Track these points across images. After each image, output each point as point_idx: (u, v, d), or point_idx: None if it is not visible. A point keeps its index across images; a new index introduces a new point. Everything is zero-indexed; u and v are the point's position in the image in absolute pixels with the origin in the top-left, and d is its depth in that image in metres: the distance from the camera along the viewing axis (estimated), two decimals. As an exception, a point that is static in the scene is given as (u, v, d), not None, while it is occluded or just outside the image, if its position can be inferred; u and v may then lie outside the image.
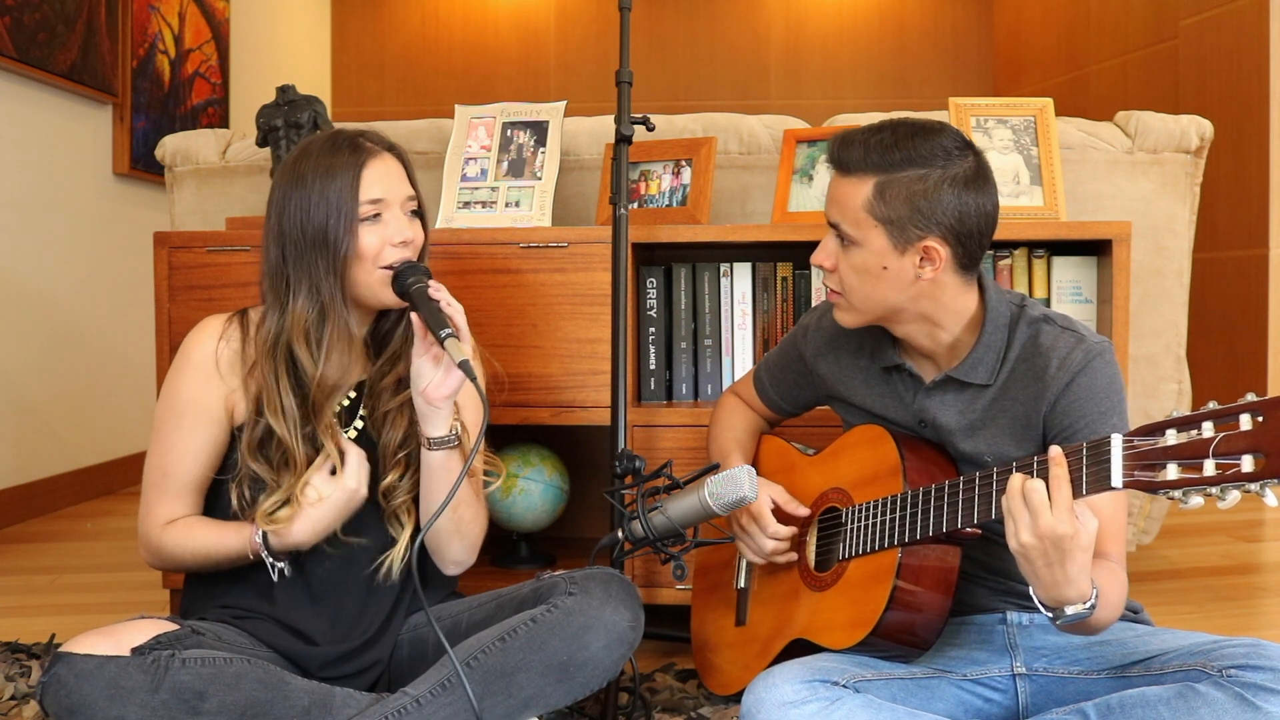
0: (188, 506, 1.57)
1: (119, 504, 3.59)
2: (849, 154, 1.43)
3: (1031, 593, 1.27)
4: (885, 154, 1.41)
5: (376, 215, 1.53)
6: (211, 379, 1.55)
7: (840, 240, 1.47)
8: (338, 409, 1.59)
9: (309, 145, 1.57)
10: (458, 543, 1.60)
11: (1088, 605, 1.24)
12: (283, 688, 1.40)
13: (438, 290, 1.49)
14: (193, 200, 2.57)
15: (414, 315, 1.49)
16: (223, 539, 1.52)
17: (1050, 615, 1.27)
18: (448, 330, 1.44)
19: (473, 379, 1.43)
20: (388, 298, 1.53)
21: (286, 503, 1.51)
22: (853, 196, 1.43)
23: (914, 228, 1.41)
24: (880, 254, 1.43)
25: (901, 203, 1.41)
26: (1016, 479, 1.25)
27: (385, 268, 1.52)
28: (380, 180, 1.54)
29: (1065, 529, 1.20)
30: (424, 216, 1.62)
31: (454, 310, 1.48)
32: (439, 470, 1.53)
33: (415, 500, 1.60)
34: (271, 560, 1.51)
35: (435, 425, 1.51)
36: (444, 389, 1.49)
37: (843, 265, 1.47)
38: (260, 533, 1.50)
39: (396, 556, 1.56)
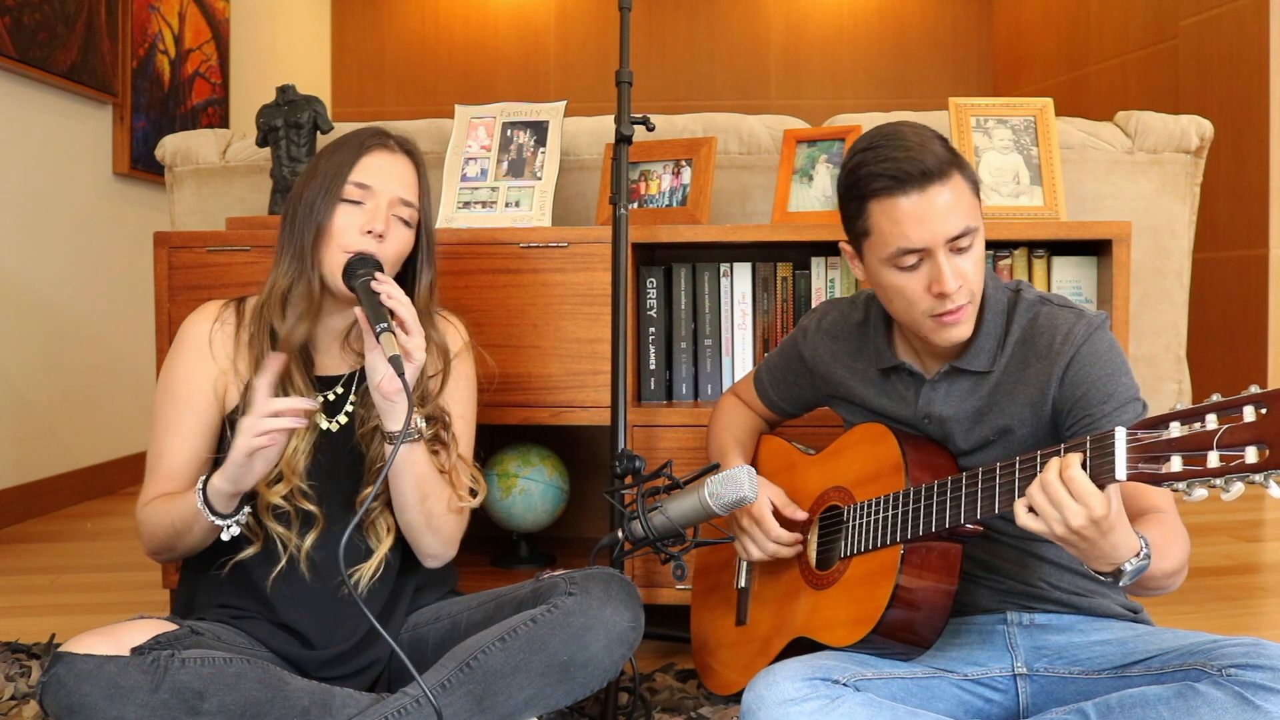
0: (179, 489, 1.55)
1: (119, 504, 3.59)
2: (926, 163, 1.38)
3: (1088, 571, 1.28)
4: (942, 147, 1.41)
5: (359, 202, 1.54)
6: (204, 360, 1.56)
7: (960, 251, 1.41)
8: (321, 400, 1.59)
9: (349, 131, 1.62)
10: (430, 536, 1.59)
11: (1143, 555, 1.24)
12: (282, 688, 1.40)
13: (381, 283, 1.48)
14: (193, 200, 2.57)
15: (357, 309, 1.49)
16: (181, 500, 1.49)
17: (1113, 580, 1.26)
18: (383, 325, 1.43)
19: (400, 374, 1.41)
20: (344, 287, 1.53)
21: (280, 477, 1.51)
22: (961, 190, 1.40)
23: (978, 197, 1.45)
24: (983, 232, 1.44)
25: (971, 173, 1.43)
26: (1052, 470, 1.22)
27: (348, 253, 1.52)
28: (377, 171, 1.55)
29: (1099, 511, 1.19)
30: (424, 233, 1.61)
31: (396, 303, 1.47)
32: (400, 464, 1.52)
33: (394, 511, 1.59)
34: (211, 514, 1.45)
35: (393, 419, 1.50)
36: (396, 382, 1.47)
37: (974, 269, 1.43)
38: (200, 484, 1.46)
39: (368, 570, 1.55)
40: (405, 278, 1.62)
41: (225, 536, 1.49)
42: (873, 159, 1.40)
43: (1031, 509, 1.24)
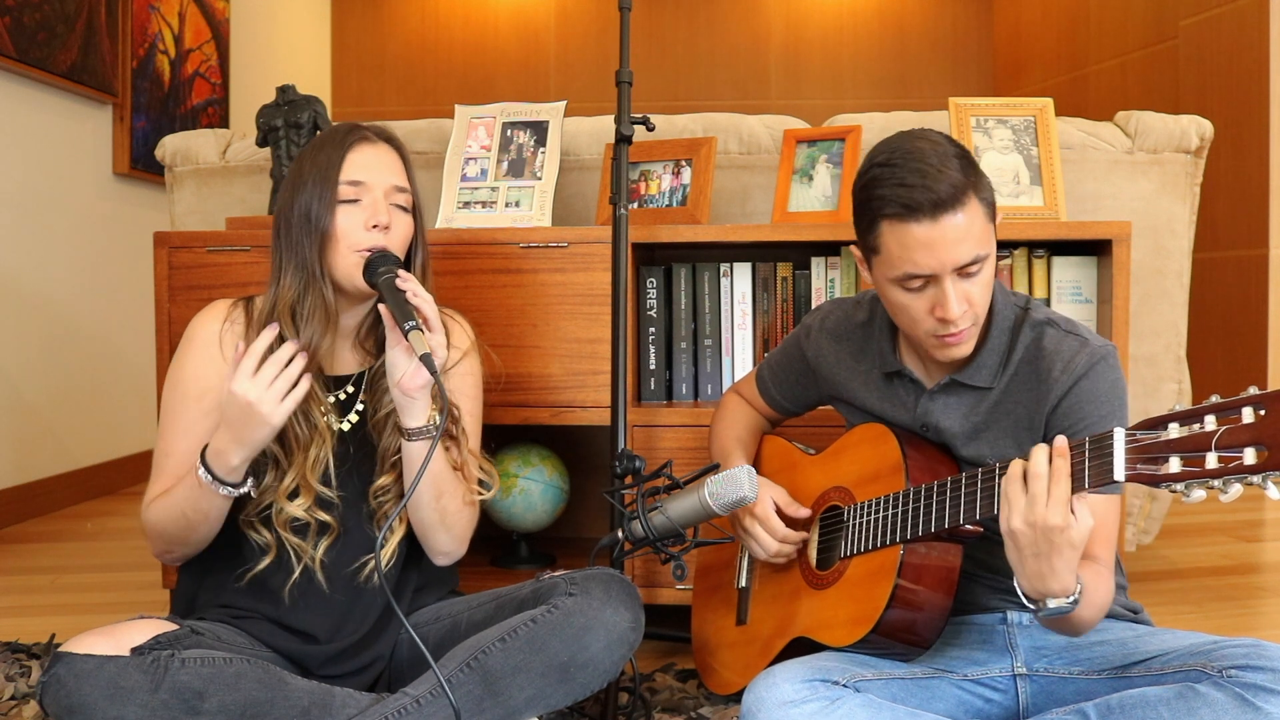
0: None
1: (119, 504, 3.59)
2: (940, 191, 1.34)
3: (1015, 583, 1.28)
4: (960, 170, 1.37)
5: (356, 200, 1.54)
6: (214, 358, 1.56)
7: (968, 275, 1.39)
8: (332, 400, 1.59)
9: (322, 133, 1.61)
10: (443, 534, 1.60)
11: (1070, 600, 1.25)
12: (282, 688, 1.40)
13: (405, 281, 1.49)
14: (193, 200, 2.57)
15: (382, 306, 1.49)
16: (182, 485, 1.49)
17: (1031, 607, 1.27)
18: (412, 323, 1.44)
19: (433, 372, 1.42)
20: (362, 284, 1.53)
21: (297, 491, 1.51)
22: (975, 216, 1.38)
23: (993, 219, 1.43)
24: (994, 254, 1.43)
25: (989, 193, 1.41)
26: (1018, 464, 1.25)
27: (360, 252, 1.52)
28: (365, 165, 1.55)
29: (1057, 520, 1.20)
30: (417, 215, 1.62)
31: (421, 301, 1.48)
32: (418, 460, 1.52)
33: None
34: (224, 486, 1.45)
35: (412, 416, 1.51)
36: (417, 379, 1.48)
37: (980, 293, 1.41)
38: (201, 457, 1.46)
39: (383, 557, 1.55)
40: (404, 261, 1.62)
41: (244, 489, 1.48)
42: (888, 178, 1.37)
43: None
